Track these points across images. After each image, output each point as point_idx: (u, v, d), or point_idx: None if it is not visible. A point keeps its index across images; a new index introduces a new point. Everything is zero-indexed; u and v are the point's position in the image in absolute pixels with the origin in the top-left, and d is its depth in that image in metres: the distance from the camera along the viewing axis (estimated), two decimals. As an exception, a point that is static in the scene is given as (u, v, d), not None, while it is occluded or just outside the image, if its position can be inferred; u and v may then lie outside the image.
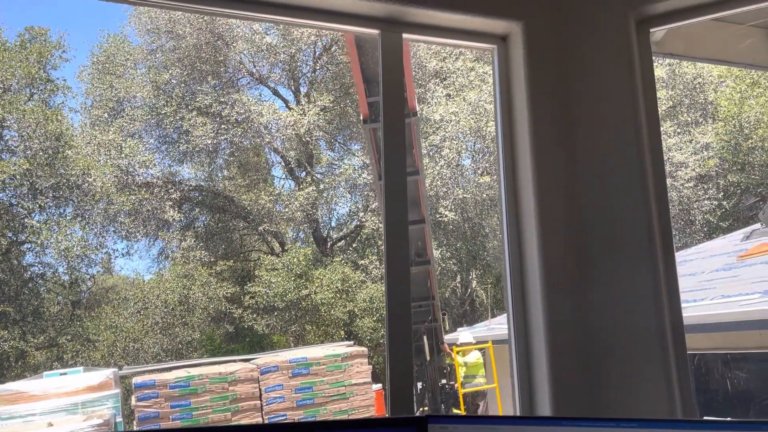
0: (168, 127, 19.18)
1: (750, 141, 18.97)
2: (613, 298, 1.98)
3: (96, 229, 18.65)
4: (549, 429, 1.31)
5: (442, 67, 19.70)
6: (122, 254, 20.66)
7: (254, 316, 18.56)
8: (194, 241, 19.84)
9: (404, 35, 2.12)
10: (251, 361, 9.89)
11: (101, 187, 17.55)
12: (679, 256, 11.67)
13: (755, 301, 6.54)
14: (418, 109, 19.61)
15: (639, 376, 1.90)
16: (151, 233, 19.91)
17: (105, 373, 9.41)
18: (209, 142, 18.30)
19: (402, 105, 2.12)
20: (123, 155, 18.39)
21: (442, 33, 2.15)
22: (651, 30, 2.04)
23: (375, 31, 2.13)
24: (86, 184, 17.42)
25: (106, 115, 19.44)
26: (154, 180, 19.20)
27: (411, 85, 7.37)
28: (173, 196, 19.17)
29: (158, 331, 18.22)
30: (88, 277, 19.53)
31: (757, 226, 10.44)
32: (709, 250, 11.06)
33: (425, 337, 11.11)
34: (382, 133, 2.11)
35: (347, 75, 20.41)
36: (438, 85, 19.58)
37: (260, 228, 19.52)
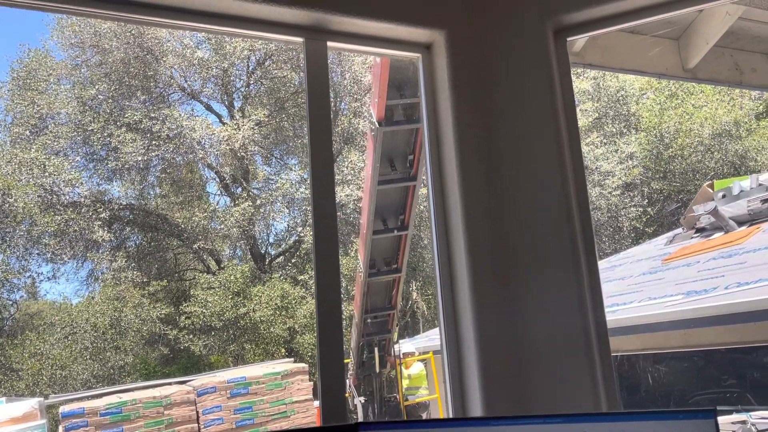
0: (95, 144, 18.50)
1: (670, 150, 19.98)
2: (539, 305, 2.02)
3: (18, 252, 17.71)
4: (478, 429, 1.31)
5: (377, 81, 19.83)
6: (47, 278, 19.68)
7: (191, 336, 18.02)
8: (125, 262, 19.13)
9: (329, 43, 2.12)
10: (187, 383, 9.58)
11: (23, 208, 16.70)
12: (609, 261, 12.09)
13: (679, 302, 6.83)
14: (356, 122, 19.66)
15: (566, 378, 1.94)
16: (79, 255, 19.07)
17: (29, 403, 8.91)
18: (140, 158, 17.76)
19: (328, 114, 2.10)
20: (47, 174, 17.58)
21: (367, 41, 2.15)
22: (568, 39, 2.10)
23: (299, 39, 2.12)
24: (6, 205, 16.54)
25: (27, 132, 18.56)
26: (82, 199, 18.43)
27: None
28: (102, 216, 18.45)
29: (88, 357, 17.42)
30: (11, 303, 18.50)
31: (679, 230, 10.93)
32: (636, 254, 11.48)
33: (376, 349, 11.02)
34: (308, 144, 2.09)
35: (282, 89, 20.28)
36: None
37: (195, 246, 19.04)
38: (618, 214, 19.72)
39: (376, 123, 7.64)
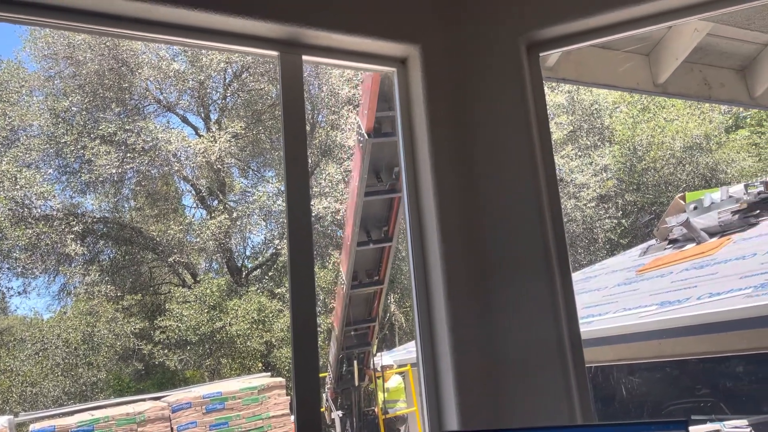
0: (68, 156, 18.23)
1: (643, 162, 20.32)
2: (514, 317, 2.03)
3: (-13, 267, 17.32)
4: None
5: (354, 94, 19.91)
6: (18, 293, 19.25)
7: (165, 351, 17.74)
8: (99, 276, 18.80)
9: (304, 57, 2.12)
10: (162, 399, 9.42)
11: (-7, 221, 16.36)
12: (584, 272, 12.21)
13: (653, 312, 6.91)
14: (334, 135, 19.67)
15: (541, 389, 1.95)
16: (50, 269, 18.70)
17: (-2, 422, 8.68)
18: (114, 171, 17.53)
19: (303, 126, 2.10)
20: (18, 187, 17.26)
21: (342, 55, 2.16)
22: (541, 54, 2.14)
23: (274, 53, 2.12)
24: (-25, 219, 16.19)
25: (-2, 144, 18.24)
26: (54, 212, 18.11)
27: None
28: (75, 229, 18.14)
29: (59, 373, 17.04)
30: (-21, 319, 18.06)
31: (653, 241, 11.09)
32: (611, 265, 11.61)
33: (355, 362, 10.95)
34: (284, 157, 2.08)
35: (259, 101, 20.24)
36: (351, 111, 19.76)
37: (170, 259, 18.81)
38: (593, 225, 19.96)
39: (365, 134, 7.66)
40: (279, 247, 19.43)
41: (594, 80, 3.33)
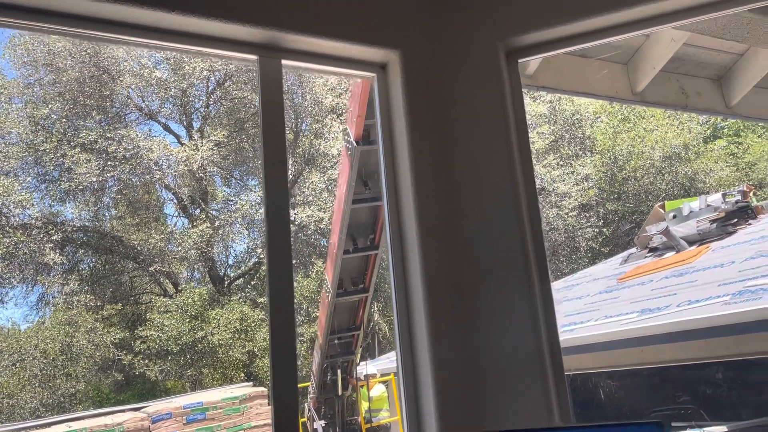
0: (48, 164, 18.01)
1: (624, 172, 20.55)
2: (494, 326, 2.02)
3: (-37, 277, 17.01)
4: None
5: (338, 103, 19.94)
6: (-5, 303, 18.92)
7: (146, 362, 17.52)
8: (78, 285, 18.55)
9: (283, 62, 2.11)
10: (142, 410, 9.30)
11: (-30, 230, 16.10)
12: (566, 281, 12.28)
13: (633, 320, 6.96)
14: (317, 144, 19.64)
15: (520, 397, 1.95)
16: (28, 278, 18.41)
17: (-28, 435, 8.50)
18: (94, 179, 17.34)
19: (282, 131, 2.09)
20: (-5, 195, 17.01)
21: (322, 60, 2.16)
22: (520, 60, 2.15)
23: (253, 57, 2.11)
24: (-48, 227, 15.92)
25: (-24, 152, 17.97)
26: (32, 221, 17.86)
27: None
28: (54, 238, 17.89)
29: (36, 384, 16.74)
30: (-45, 329, 17.71)
31: (633, 250, 11.18)
32: (592, 274, 11.67)
33: (339, 371, 10.88)
34: (262, 163, 2.07)
35: (242, 110, 20.17)
36: (335, 120, 19.77)
37: (151, 268, 18.61)
38: (575, 234, 20.11)
39: (354, 142, 7.65)
40: (262, 256, 19.32)
41: (573, 88, 3.37)
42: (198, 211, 20.04)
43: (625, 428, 1.09)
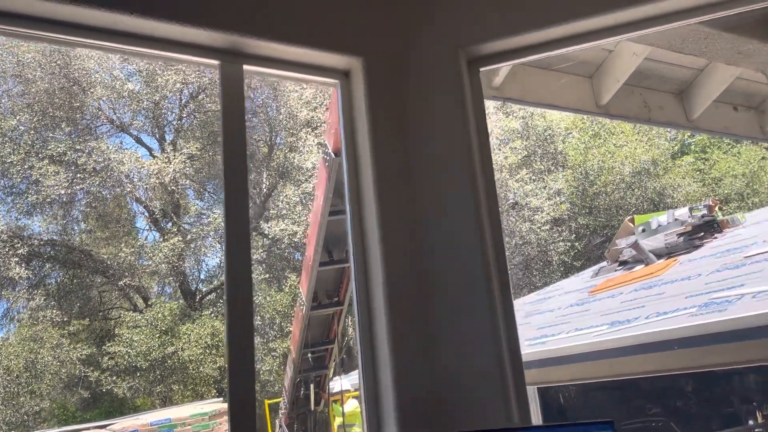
0: (14, 176, 17.64)
1: (595, 187, 20.86)
2: (456, 342, 2.01)
3: (-76, 291, 16.52)
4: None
5: (313, 117, 19.94)
6: (-43, 318, 18.39)
7: (114, 378, 17.14)
8: (45, 300, 18.12)
9: (245, 67, 2.10)
10: (107, 427, 9.08)
11: (-69, 244, 15.65)
12: (539, 294, 12.36)
13: (604, 332, 7.02)
14: (291, 157, 19.56)
15: (482, 410, 1.94)
16: (-7, 293, 17.96)
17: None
18: (63, 192, 17.03)
19: (243, 138, 2.07)
20: (-41, 208, 16.60)
21: (285, 66, 2.15)
22: (481, 69, 2.17)
23: (215, 62, 2.09)
24: None
25: (-60, 164, 17.54)
26: (-2, 234, 17.45)
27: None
28: (20, 252, 17.49)
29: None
30: None
31: (604, 263, 11.32)
32: (564, 287, 11.77)
33: (312, 386, 10.75)
34: (222, 169, 2.04)
35: (216, 123, 20.03)
36: (309, 134, 19.76)
37: (121, 283, 18.28)
38: (547, 248, 20.29)
39: (332, 153, 7.62)
40: (234, 270, 19.09)
41: (539, 101, 3.41)
42: (170, 224, 19.79)
43: (578, 428, 1.09)
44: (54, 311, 17.98)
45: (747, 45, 2.77)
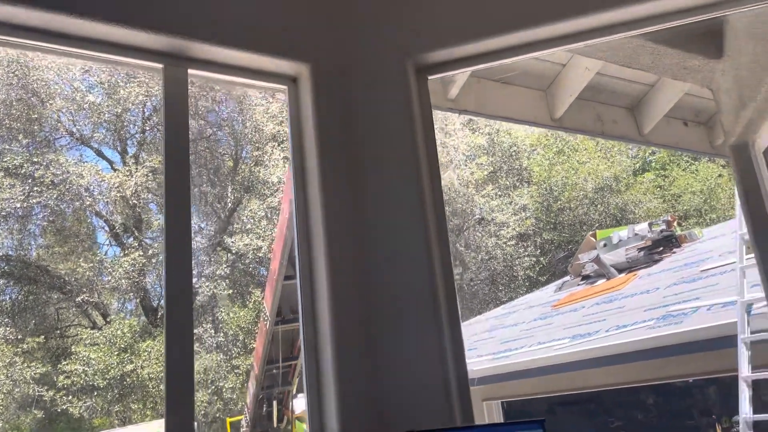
0: (-32, 189, 17.11)
1: (559, 202, 21.18)
2: (401, 362, 1.99)
3: None
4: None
5: (279, 131, 19.85)
6: None
7: (70, 398, 16.60)
8: (-2, 318, 17.53)
9: (190, 71, 2.06)
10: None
11: None
12: (504, 308, 12.44)
13: (565, 345, 7.08)
14: (257, 171, 19.41)
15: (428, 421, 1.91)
16: (-57, 310, 17.29)
17: None
18: (18, 205, 16.56)
19: (186, 144, 2.02)
20: None
21: (231, 71, 2.11)
22: (429, 77, 2.16)
23: (159, 66, 2.04)
24: None
25: None
26: (-51, 249, 16.86)
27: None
28: (-28, 267, 16.93)
29: (-53, 425, 15.60)
30: None
31: (568, 278, 11.45)
32: (529, 301, 11.87)
33: (275, 402, 10.56)
34: (164, 176, 1.99)
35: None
36: (275, 148, 19.65)
37: (79, 299, 17.79)
38: (513, 263, 20.47)
39: None
40: (197, 286, 18.78)
41: (494, 113, 3.43)
42: (131, 239, 19.39)
43: (511, 427, 1.07)
44: (8, 328, 17.38)
45: (692, 60, 2.83)
